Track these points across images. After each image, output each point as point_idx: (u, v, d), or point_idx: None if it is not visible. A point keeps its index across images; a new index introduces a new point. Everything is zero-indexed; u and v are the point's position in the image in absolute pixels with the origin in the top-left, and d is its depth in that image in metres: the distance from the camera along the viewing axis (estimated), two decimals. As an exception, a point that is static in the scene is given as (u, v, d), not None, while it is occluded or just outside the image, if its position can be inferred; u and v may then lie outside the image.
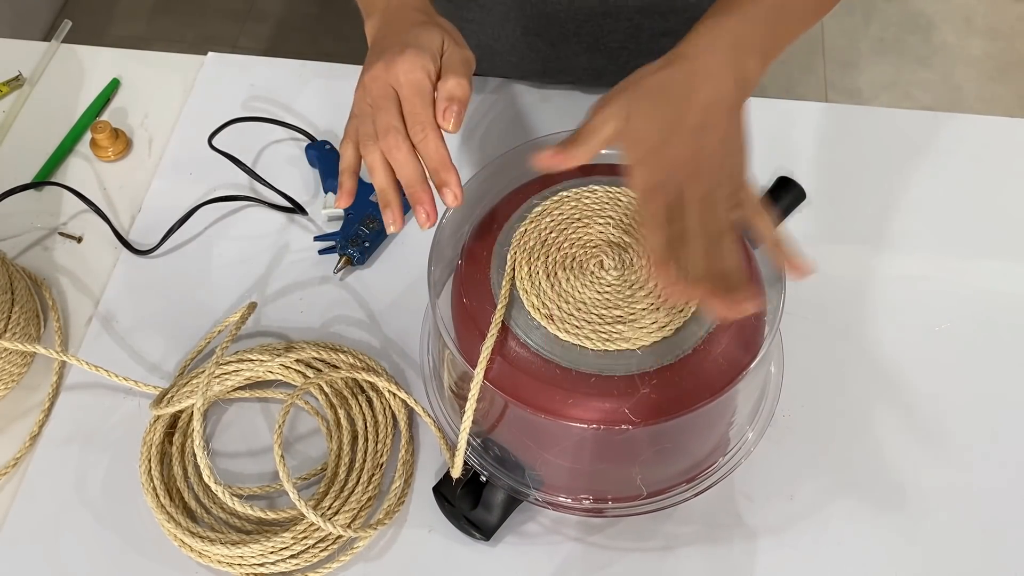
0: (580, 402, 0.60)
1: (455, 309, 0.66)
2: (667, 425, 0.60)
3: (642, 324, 0.62)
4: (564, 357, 0.61)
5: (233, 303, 0.84)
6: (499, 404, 0.64)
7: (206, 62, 1.01)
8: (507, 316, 0.63)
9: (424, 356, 0.76)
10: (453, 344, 0.64)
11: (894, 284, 0.84)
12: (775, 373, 0.73)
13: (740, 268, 0.57)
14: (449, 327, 0.65)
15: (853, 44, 2.18)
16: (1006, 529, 0.72)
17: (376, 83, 0.64)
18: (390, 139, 0.62)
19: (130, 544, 0.72)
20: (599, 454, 0.66)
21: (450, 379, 0.71)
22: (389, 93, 0.63)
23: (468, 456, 0.68)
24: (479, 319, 0.63)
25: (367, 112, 0.64)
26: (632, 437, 0.62)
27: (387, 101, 0.63)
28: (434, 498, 0.72)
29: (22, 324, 0.78)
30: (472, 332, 0.63)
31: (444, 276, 0.68)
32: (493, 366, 0.62)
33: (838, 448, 0.76)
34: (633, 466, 0.67)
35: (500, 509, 0.69)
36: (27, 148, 0.94)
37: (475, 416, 0.63)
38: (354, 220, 0.86)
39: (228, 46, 2.16)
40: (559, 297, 0.63)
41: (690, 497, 0.69)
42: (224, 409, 0.79)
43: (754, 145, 0.95)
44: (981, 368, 0.80)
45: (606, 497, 0.68)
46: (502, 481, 0.68)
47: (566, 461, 0.67)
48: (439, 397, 0.73)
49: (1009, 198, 0.90)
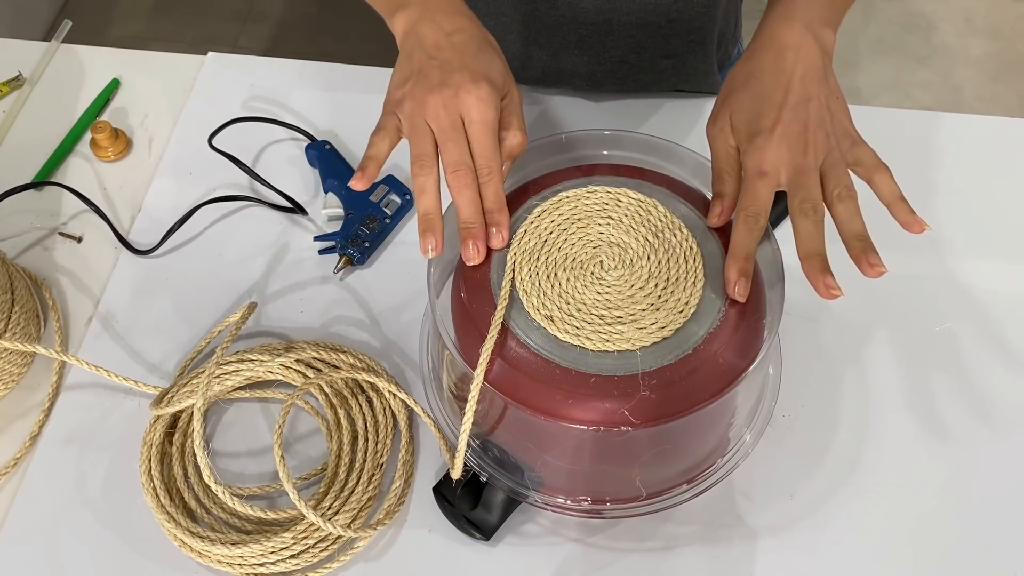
0: (580, 403, 0.60)
1: (455, 309, 0.66)
2: (667, 426, 0.60)
3: (642, 324, 0.62)
4: (564, 357, 0.61)
5: (233, 303, 0.84)
6: (498, 405, 0.64)
7: (206, 62, 1.01)
8: (507, 316, 0.63)
9: (423, 356, 0.76)
10: (453, 345, 0.64)
11: (894, 284, 0.84)
12: (772, 374, 0.73)
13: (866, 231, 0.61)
14: (449, 328, 0.65)
15: (853, 44, 2.18)
16: (1006, 529, 0.72)
17: (445, 111, 0.64)
18: (461, 176, 0.63)
19: (130, 544, 0.72)
20: (598, 455, 0.66)
21: (449, 380, 0.71)
22: (458, 125, 0.64)
23: (468, 457, 0.68)
24: (479, 319, 0.63)
25: (424, 130, 0.64)
26: (632, 438, 0.62)
27: (457, 134, 0.64)
28: (434, 498, 0.72)
29: (22, 324, 0.78)
30: (472, 332, 0.63)
31: (444, 276, 0.68)
32: (493, 367, 0.62)
33: (838, 448, 0.76)
34: (632, 467, 0.67)
35: (500, 509, 0.69)
36: (27, 148, 0.94)
37: (475, 417, 0.63)
38: (354, 220, 0.86)
39: (228, 46, 2.16)
40: (559, 298, 0.64)
41: (689, 498, 0.69)
42: (224, 409, 0.79)
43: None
44: (981, 368, 0.80)
45: (605, 498, 0.68)
46: (501, 482, 0.68)
47: (565, 462, 0.67)
48: (439, 398, 0.73)
49: (1009, 198, 0.90)
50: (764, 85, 0.65)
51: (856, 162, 0.64)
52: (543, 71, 0.95)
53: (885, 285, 0.84)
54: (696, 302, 0.63)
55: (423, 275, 0.68)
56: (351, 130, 0.95)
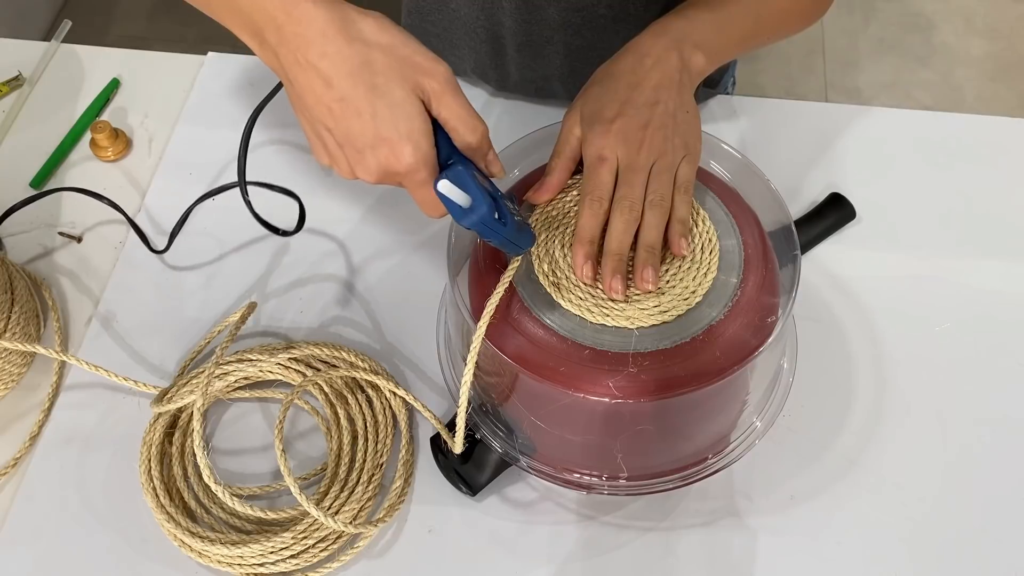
0: (570, 370, 0.61)
1: (471, 270, 0.67)
2: (650, 407, 0.61)
3: (643, 306, 0.62)
4: (563, 327, 0.62)
5: (233, 303, 0.84)
6: (498, 364, 0.64)
7: (206, 62, 1.01)
8: (516, 279, 0.64)
9: (440, 330, 0.76)
10: (466, 311, 0.65)
11: (894, 284, 0.84)
12: (787, 368, 0.73)
13: (689, 219, 0.64)
14: (466, 297, 0.66)
15: (853, 44, 2.18)
16: (1006, 529, 0.72)
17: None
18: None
19: (130, 544, 0.72)
20: (583, 425, 0.67)
21: (462, 346, 0.71)
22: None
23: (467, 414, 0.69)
24: (490, 279, 0.64)
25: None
26: (616, 412, 0.63)
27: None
28: (430, 448, 0.73)
29: (22, 324, 0.78)
30: (483, 290, 0.64)
31: (463, 257, 0.69)
32: (497, 327, 0.62)
33: (838, 448, 0.76)
34: (615, 443, 0.67)
35: (490, 469, 0.71)
36: (27, 148, 0.94)
37: (474, 378, 0.64)
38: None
39: (228, 46, 2.15)
40: (569, 268, 0.64)
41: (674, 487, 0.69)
42: (224, 409, 0.79)
43: (754, 146, 0.96)
44: (981, 368, 0.80)
45: (592, 473, 0.69)
46: (494, 444, 0.70)
47: (554, 428, 0.67)
48: (453, 371, 0.74)
49: (1009, 198, 0.90)
50: (617, 83, 0.66)
51: (678, 177, 0.65)
52: (536, 90, 0.95)
53: (885, 285, 0.84)
54: (703, 292, 0.63)
55: (424, 275, 0.68)
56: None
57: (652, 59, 0.67)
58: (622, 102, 0.65)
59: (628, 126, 0.64)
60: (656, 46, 0.67)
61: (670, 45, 0.68)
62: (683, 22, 0.70)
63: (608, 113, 0.65)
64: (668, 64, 0.67)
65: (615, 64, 0.68)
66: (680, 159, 0.65)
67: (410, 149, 0.55)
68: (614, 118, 0.65)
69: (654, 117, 0.65)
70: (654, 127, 0.64)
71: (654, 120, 0.65)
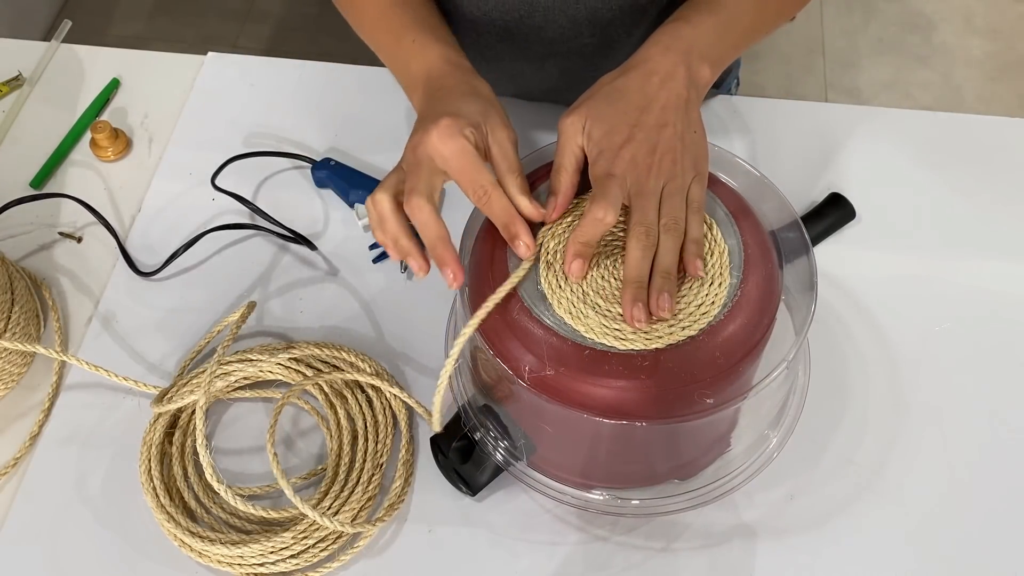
0: (567, 373, 0.60)
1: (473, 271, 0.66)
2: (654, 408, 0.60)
3: (650, 336, 0.61)
4: (563, 328, 0.61)
5: (233, 303, 0.84)
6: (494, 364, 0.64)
7: (206, 62, 1.01)
8: (521, 284, 0.63)
9: (448, 338, 0.76)
10: (463, 303, 0.65)
11: (894, 284, 0.84)
12: (802, 378, 0.73)
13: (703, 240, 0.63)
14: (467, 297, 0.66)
15: (853, 44, 2.18)
16: (1006, 529, 0.72)
17: (413, 152, 0.64)
18: (412, 201, 0.63)
19: (130, 544, 0.72)
20: (578, 431, 0.66)
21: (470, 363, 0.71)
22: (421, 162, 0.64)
23: (466, 415, 0.69)
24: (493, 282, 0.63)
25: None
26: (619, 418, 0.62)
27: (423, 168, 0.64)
28: (430, 448, 0.73)
29: (22, 324, 0.78)
30: (484, 291, 0.63)
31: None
32: (494, 324, 0.62)
33: (838, 448, 0.76)
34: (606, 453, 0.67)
35: (490, 470, 0.71)
36: (27, 148, 0.94)
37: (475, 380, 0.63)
38: None
39: (228, 46, 2.16)
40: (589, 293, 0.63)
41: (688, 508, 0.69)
42: (224, 409, 0.79)
43: (754, 146, 0.95)
44: (982, 368, 0.80)
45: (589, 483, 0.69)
46: (491, 446, 0.69)
47: (550, 428, 0.67)
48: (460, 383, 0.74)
49: (1009, 198, 0.90)
50: (626, 103, 0.65)
51: (689, 198, 0.64)
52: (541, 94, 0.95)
53: (885, 285, 0.84)
54: (707, 320, 0.61)
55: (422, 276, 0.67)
56: (352, 132, 0.95)
57: (660, 77, 0.66)
58: (631, 125, 0.64)
59: (637, 151, 0.63)
60: (664, 62, 0.66)
61: (678, 60, 0.66)
62: (689, 29, 0.69)
63: (617, 138, 0.64)
64: (676, 82, 0.66)
65: (622, 80, 0.67)
66: (690, 180, 0.64)
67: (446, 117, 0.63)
68: (623, 143, 0.63)
69: (662, 140, 0.64)
70: (663, 150, 0.64)
71: (662, 143, 0.64)
